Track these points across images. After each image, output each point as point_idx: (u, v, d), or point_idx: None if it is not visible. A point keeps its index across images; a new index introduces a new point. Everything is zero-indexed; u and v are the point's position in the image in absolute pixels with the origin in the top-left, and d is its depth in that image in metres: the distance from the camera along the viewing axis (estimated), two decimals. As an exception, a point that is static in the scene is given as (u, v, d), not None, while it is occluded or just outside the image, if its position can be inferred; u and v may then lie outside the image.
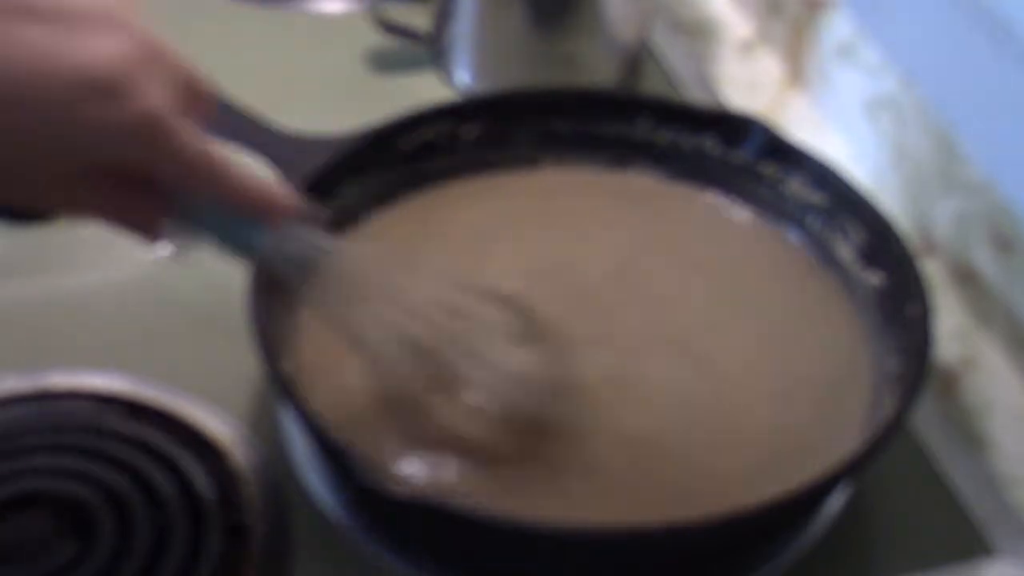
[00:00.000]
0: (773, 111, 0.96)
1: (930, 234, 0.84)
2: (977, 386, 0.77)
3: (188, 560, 0.62)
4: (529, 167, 0.80)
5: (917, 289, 0.68)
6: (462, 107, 0.80)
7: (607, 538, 0.60)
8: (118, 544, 0.62)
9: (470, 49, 0.93)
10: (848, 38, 0.91)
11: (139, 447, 0.67)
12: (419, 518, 0.62)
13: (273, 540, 0.64)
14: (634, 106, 0.80)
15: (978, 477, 0.71)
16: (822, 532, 0.67)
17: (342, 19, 0.99)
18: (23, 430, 0.68)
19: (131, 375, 0.71)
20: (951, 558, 0.67)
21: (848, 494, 0.68)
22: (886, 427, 0.62)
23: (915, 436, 0.72)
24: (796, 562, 0.66)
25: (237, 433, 0.69)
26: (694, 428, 0.68)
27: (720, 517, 0.59)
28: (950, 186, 0.81)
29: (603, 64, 0.93)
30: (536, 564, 0.63)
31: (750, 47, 1.02)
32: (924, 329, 0.66)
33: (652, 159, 0.80)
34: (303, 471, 0.68)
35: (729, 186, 0.79)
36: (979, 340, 0.79)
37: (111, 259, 0.80)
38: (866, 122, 0.90)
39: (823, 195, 0.76)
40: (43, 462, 0.66)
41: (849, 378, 0.70)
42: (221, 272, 0.77)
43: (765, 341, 0.72)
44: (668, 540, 0.59)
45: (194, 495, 0.65)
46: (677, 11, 1.05)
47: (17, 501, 0.64)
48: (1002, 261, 0.77)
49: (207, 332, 0.75)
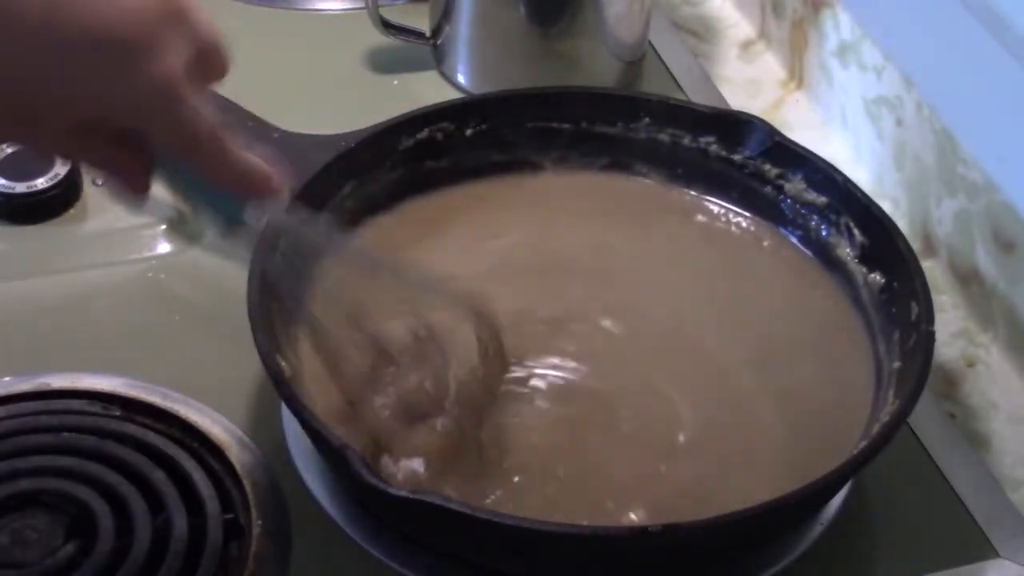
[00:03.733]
0: (774, 111, 0.96)
1: (931, 234, 0.84)
2: (978, 386, 0.77)
3: (188, 560, 0.62)
4: (529, 167, 0.80)
5: (918, 289, 0.68)
6: (462, 107, 0.80)
7: (608, 538, 0.60)
8: (118, 544, 0.62)
9: (470, 49, 0.93)
10: (849, 38, 0.91)
11: (139, 447, 0.67)
12: (418, 518, 0.62)
13: (272, 540, 0.64)
14: (634, 106, 0.80)
15: (979, 477, 0.71)
16: (822, 532, 0.67)
17: (342, 19, 0.99)
18: (23, 430, 0.68)
19: (131, 375, 0.71)
20: (952, 558, 0.67)
21: (848, 494, 0.68)
22: (887, 427, 0.62)
23: (916, 436, 0.72)
24: (796, 562, 0.65)
25: (236, 433, 0.69)
26: (695, 429, 0.68)
27: (720, 518, 0.59)
28: (951, 186, 0.81)
29: (603, 64, 0.93)
30: (536, 564, 0.63)
31: (751, 47, 1.02)
32: (925, 329, 0.66)
33: (653, 159, 0.80)
34: (302, 471, 0.68)
35: (730, 186, 0.79)
36: (980, 340, 0.79)
37: (111, 259, 0.80)
38: (867, 122, 0.90)
39: (824, 195, 0.76)
40: (43, 462, 0.66)
41: (850, 378, 0.70)
42: (221, 272, 0.78)
43: (766, 341, 0.72)
44: (668, 540, 0.59)
45: (193, 495, 0.65)
46: (677, 11, 1.05)
47: (17, 501, 0.64)
48: (1003, 261, 0.77)
49: (207, 332, 0.75)
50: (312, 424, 0.61)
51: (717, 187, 0.79)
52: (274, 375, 0.63)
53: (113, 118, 0.51)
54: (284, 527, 0.65)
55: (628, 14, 0.92)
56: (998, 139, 0.77)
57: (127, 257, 0.80)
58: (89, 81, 0.49)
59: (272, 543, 0.64)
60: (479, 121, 0.79)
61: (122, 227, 0.81)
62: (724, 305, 0.74)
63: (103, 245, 0.81)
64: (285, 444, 0.69)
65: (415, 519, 0.63)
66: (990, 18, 0.74)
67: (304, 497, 0.67)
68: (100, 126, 0.52)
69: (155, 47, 0.48)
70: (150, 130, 0.52)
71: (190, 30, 0.50)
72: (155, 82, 0.49)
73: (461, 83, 0.94)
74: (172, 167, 0.55)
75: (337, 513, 0.66)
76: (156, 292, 0.78)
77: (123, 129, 0.52)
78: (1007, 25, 0.73)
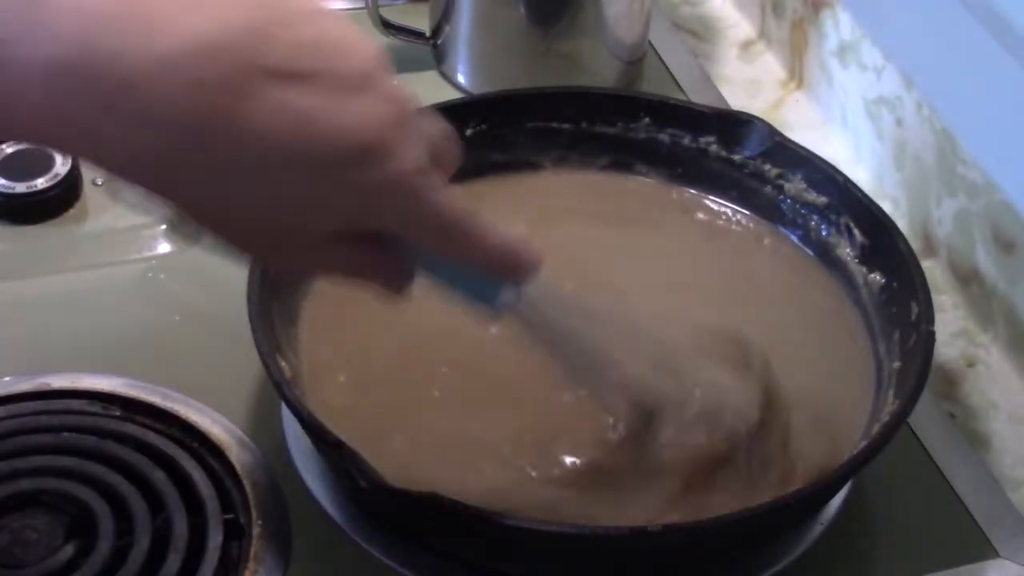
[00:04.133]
0: (774, 111, 0.96)
1: (931, 234, 0.84)
2: (978, 386, 0.77)
3: (188, 560, 0.62)
4: (529, 167, 0.80)
5: (918, 289, 0.68)
6: (462, 107, 0.80)
7: (608, 538, 0.60)
8: (118, 544, 0.62)
9: (470, 49, 0.93)
10: (849, 38, 0.91)
11: (139, 447, 0.67)
12: (417, 517, 0.62)
13: (272, 540, 0.64)
14: (634, 106, 0.80)
15: (979, 477, 0.71)
16: (822, 532, 0.67)
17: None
18: (23, 430, 0.68)
19: (131, 375, 0.71)
20: (952, 558, 0.67)
21: (848, 494, 0.68)
22: (887, 427, 0.62)
23: (916, 436, 0.72)
24: (796, 562, 0.65)
25: (236, 433, 0.69)
26: None
27: (720, 518, 0.59)
28: (951, 186, 0.81)
29: (603, 64, 0.93)
30: (536, 563, 0.63)
31: (751, 47, 1.02)
32: (925, 329, 0.66)
33: (653, 159, 0.80)
34: (302, 471, 0.68)
35: (730, 186, 0.79)
36: (980, 340, 0.79)
37: (111, 259, 0.80)
38: (867, 122, 0.90)
39: (824, 195, 0.76)
40: (43, 462, 0.66)
41: (850, 378, 0.70)
42: (221, 272, 0.77)
43: (766, 341, 0.72)
44: (668, 540, 0.59)
45: (193, 495, 0.65)
46: (677, 11, 1.05)
47: (17, 501, 0.64)
48: (1003, 261, 0.77)
49: (207, 332, 0.75)
50: (312, 424, 0.61)
51: (717, 187, 0.79)
52: (274, 375, 0.63)
53: (362, 223, 0.51)
54: (284, 527, 0.65)
55: (628, 14, 0.92)
56: (998, 139, 0.77)
57: (127, 257, 0.80)
58: (338, 192, 0.48)
59: (272, 543, 0.64)
60: (479, 121, 0.79)
61: (122, 227, 0.81)
62: (722, 305, 0.74)
63: (103, 245, 0.81)
64: (285, 444, 0.69)
65: (414, 517, 0.63)
66: (990, 18, 0.74)
67: (304, 497, 0.67)
68: (352, 235, 0.51)
69: (394, 148, 0.48)
70: (402, 228, 0.52)
71: (419, 128, 0.50)
72: (398, 180, 0.49)
73: (461, 83, 0.94)
74: (427, 259, 0.55)
75: (337, 513, 0.66)
76: (156, 292, 0.78)
77: (371, 233, 0.52)
78: (1007, 25, 0.73)
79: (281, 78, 0.45)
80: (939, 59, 0.82)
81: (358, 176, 0.48)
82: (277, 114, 0.46)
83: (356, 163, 0.48)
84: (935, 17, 0.80)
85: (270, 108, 0.45)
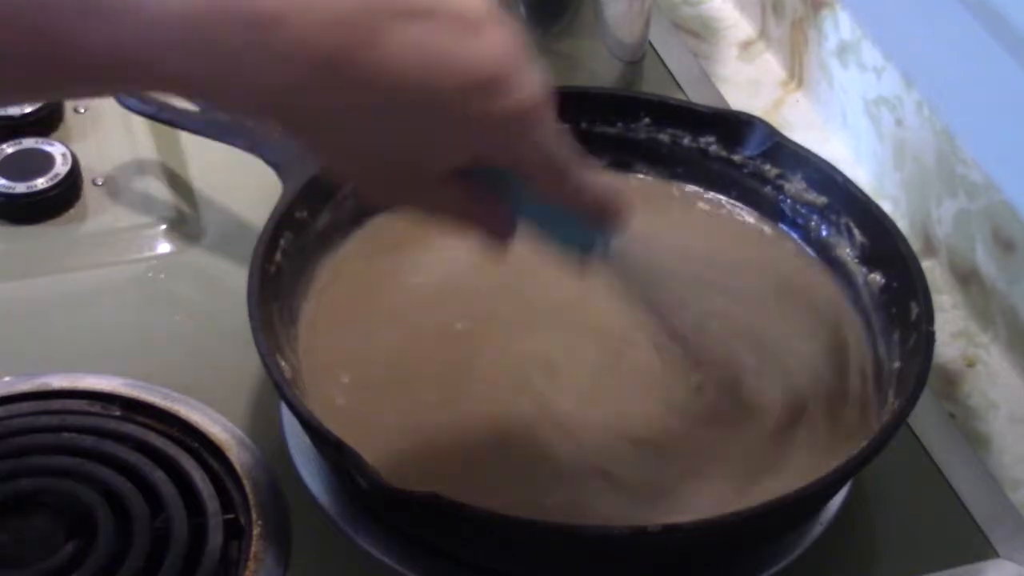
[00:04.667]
0: (774, 111, 0.96)
1: (931, 234, 0.84)
2: (978, 386, 0.77)
3: (188, 560, 0.62)
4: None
5: (918, 289, 0.68)
6: (462, 107, 0.80)
7: (608, 537, 0.60)
8: (118, 544, 0.62)
9: (470, 49, 0.93)
10: (849, 38, 0.91)
11: (138, 447, 0.67)
12: (417, 517, 0.62)
13: (272, 540, 0.64)
14: (634, 106, 0.80)
15: (979, 477, 0.71)
16: (822, 532, 0.67)
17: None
18: (23, 430, 0.68)
19: (131, 375, 0.71)
20: (952, 558, 0.67)
21: (848, 494, 0.68)
22: (887, 427, 0.62)
23: (916, 436, 0.72)
24: (796, 562, 0.65)
25: (236, 433, 0.69)
26: (696, 429, 0.68)
27: (720, 518, 0.59)
28: (951, 186, 0.81)
29: (603, 64, 0.93)
30: (535, 562, 0.63)
31: (751, 47, 1.02)
32: (925, 329, 0.66)
33: (652, 159, 0.80)
34: (302, 471, 0.68)
35: (730, 186, 0.79)
36: (980, 340, 0.79)
37: (111, 259, 0.80)
38: (867, 122, 0.90)
39: (824, 195, 0.76)
40: (43, 462, 0.66)
41: (850, 378, 0.70)
42: (221, 272, 0.78)
43: (766, 341, 0.72)
44: (668, 540, 0.59)
45: (193, 495, 0.65)
46: (677, 11, 1.05)
47: (17, 501, 0.64)
48: (1003, 261, 0.77)
49: (207, 332, 0.75)
50: (312, 424, 0.61)
51: (717, 187, 0.79)
52: (274, 375, 0.63)
53: (482, 158, 0.52)
54: (284, 527, 0.65)
55: (628, 14, 0.92)
56: (998, 139, 0.77)
57: (127, 257, 0.80)
58: (462, 126, 0.50)
59: (272, 543, 0.64)
60: (479, 121, 0.79)
61: (122, 227, 0.81)
62: (722, 305, 0.74)
63: (103, 245, 0.81)
64: (285, 444, 0.69)
65: (414, 517, 0.63)
66: (990, 18, 0.74)
67: (304, 497, 0.67)
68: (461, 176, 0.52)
69: (518, 80, 0.50)
70: (518, 163, 0.53)
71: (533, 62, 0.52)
72: (524, 107, 0.50)
73: (461, 83, 0.93)
74: (530, 207, 0.56)
75: (337, 513, 0.66)
76: (156, 292, 0.78)
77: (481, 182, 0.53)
78: (1007, 25, 0.73)
79: (409, 16, 0.47)
80: (939, 59, 0.82)
81: (484, 107, 0.49)
82: (407, 50, 0.47)
83: (482, 95, 0.49)
84: (935, 17, 0.80)
85: (400, 44, 0.47)
